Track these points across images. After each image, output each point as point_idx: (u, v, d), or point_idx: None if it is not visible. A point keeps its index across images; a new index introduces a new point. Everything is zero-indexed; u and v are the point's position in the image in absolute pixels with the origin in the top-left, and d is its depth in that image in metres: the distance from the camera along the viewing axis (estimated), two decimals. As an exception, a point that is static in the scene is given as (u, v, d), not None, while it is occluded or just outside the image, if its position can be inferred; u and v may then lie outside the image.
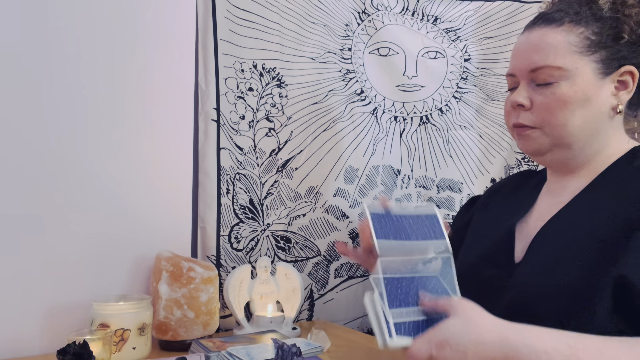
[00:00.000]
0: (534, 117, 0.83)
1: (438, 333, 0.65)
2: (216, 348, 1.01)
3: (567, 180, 0.86)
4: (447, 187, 1.58)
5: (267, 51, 1.39)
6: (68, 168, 1.16)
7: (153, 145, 1.26)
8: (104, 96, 1.21)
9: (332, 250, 1.44)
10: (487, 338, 0.63)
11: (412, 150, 1.56)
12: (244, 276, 1.28)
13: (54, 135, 1.15)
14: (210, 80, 1.32)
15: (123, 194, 1.22)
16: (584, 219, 0.79)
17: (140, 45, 1.25)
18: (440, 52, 1.60)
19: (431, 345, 0.65)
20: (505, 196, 1.00)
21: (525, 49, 0.86)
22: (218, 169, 1.32)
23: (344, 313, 1.44)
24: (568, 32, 0.82)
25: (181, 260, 1.16)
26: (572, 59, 0.81)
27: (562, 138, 0.82)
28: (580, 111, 0.80)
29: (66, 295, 1.14)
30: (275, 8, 1.40)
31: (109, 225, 1.20)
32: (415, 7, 1.59)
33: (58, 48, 1.16)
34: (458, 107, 1.61)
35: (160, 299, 1.13)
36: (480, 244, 0.92)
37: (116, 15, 1.22)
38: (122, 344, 1.03)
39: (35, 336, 1.11)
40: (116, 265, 1.20)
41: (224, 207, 1.32)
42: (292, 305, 1.31)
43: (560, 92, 0.80)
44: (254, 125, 1.37)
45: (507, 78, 0.90)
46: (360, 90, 1.51)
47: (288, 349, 0.89)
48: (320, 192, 1.42)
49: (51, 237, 1.14)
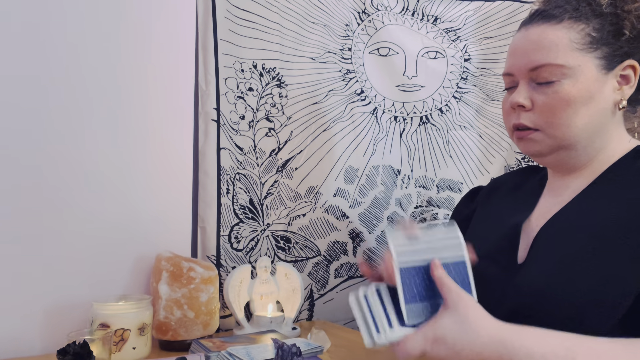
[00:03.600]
0: (536, 117, 0.81)
1: (434, 329, 0.65)
2: (216, 348, 1.01)
3: (569, 180, 0.85)
4: (447, 187, 1.58)
5: (267, 51, 1.39)
6: (68, 168, 1.16)
7: (153, 145, 1.25)
8: (103, 96, 1.21)
9: (332, 250, 1.44)
10: (483, 338, 0.63)
11: (412, 150, 1.56)
12: (244, 276, 1.28)
13: (53, 134, 1.15)
14: (210, 80, 1.32)
15: (123, 194, 1.22)
16: (585, 220, 0.78)
17: (140, 45, 1.25)
18: (440, 52, 1.60)
19: (426, 341, 0.64)
20: (508, 193, 0.98)
21: (524, 47, 0.83)
22: (218, 169, 1.32)
23: (344, 313, 1.44)
24: (568, 28, 0.80)
25: (181, 260, 1.16)
26: (574, 56, 0.79)
27: (565, 139, 0.80)
28: (584, 110, 0.79)
29: (66, 295, 1.14)
30: (275, 8, 1.40)
31: (109, 225, 1.20)
32: (415, 7, 1.59)
33: (58, 48, 1.16)
34: (458, 107, 1.61)
35: (160, 299, 1.13)
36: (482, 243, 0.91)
37: (116, 15, 1.22)
38: (122, 344, 1.03)
39: (35, 336, 1.11)
40: (116, 265, 1.20)
41: (224, 207, 1.32)
42: (292, 305, 1.31)
43: (563, 90, 0.78)
44: (254, 125, 1.37)
45: (505, 77, 0.88)
46: (360, 90, 1.51)
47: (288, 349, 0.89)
48: (320, 192, 1.42)
49: (51, 237, 1.14)
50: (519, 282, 0.80)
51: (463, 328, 0.64)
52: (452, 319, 0.64)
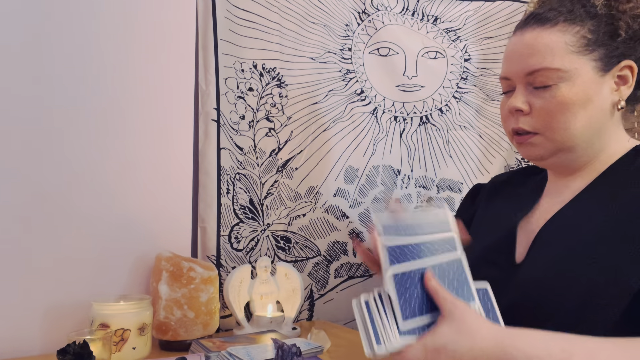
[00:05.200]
0: (534, 121, 0.81)
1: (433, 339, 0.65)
2: (216, 348, 1.01)
3: (569, 180, 0.85)
4: (447, 187, 1.59)
5: (267, 51, 1.39)
6: (68, 168, 1.16)
7: (153, 145, 1.25)
8: (104, 96, 1.21)
9: (332, 250, 1.44)
10: (482, 344, 0.63)
11: (412, 150, 1.56)
12: (244, 276, 1.28)
13: (53, 135, 1.15)
14: (210, 80, 1.32)
15: (123, 194, 1.22)
16: (585, 219, 0.78)
17: (141, 45, 1.25)
18: (440, 52, 1.60)
19: (427, 351, 0.64)
20: (508, 195, 0.98)
21: (519, 51, 0.83)
22: (218, 169, 1.32)
23: (344, 313, 1.44)
24: (563, 31, 0.79)
25: (181, 260, 1.16)
26: (570, 59, 0.78)
27: (564, 142, 0.80)
28: (582, 112, 0.78)
29: (66, 295, 1.14)
30: (275, 8, 1.40)
31: (109, 225, 1.20)
32: (415, 7, 1.59)
33: (58, 48, 1.16)
34: (458, 107, 1.61)
35: (160, 299, 1.13)
36: (480, 243, 0.91)
37: (116, 15, 1.22)
38: (122, 344, 1.03)
39: (35, 336, 1.11)
40: (116, 265, 1.20)
41: (224, 207, 1.32)
42: (292, 305, 1.31)
43: (561, 94, 0.78)
44: (254, 125, 1.37)
45: (502, 81, 0.87)
46: (360, 90, 1.51)
47: (288, 349, 0.89)
48: (320, 192, 1.42)
49: (51, 237, 1.14)
50: (517, 280, 0.80)
51: (461, 336, 0.64)
52: (450, 327, 0.64)
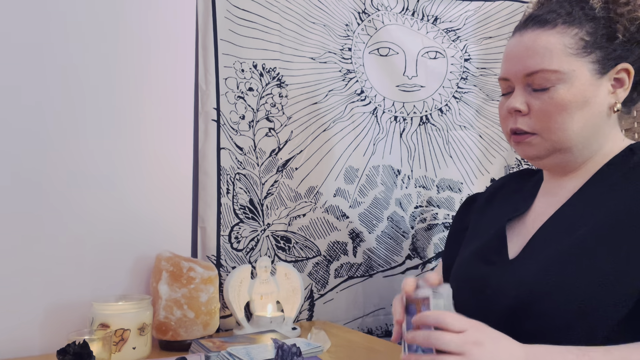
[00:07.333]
0: (532, 122, 0.82)
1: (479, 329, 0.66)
2: (216, 348, 1.01)
3: (564, 181, 0.86)
4: (447, 187, 1.59)
5: (267, 51, 1.39)
6: (68, 168, 1.16)
7: (153, 145, 1.25)
8: (104, 96, 1.21)
9: (332, 250, 1.44)
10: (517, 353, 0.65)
11: (412, 150, 1.56)
12: (244, 276, 1.28)
13: (53, 134, 1.15)
14: (210, 80, 1.32)
15: (123, 194, 1.22)
16: (582, 218, 0.78)
17: (141, 45, 1.25)
18: (440, 52, 1.60)
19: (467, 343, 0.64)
20: (503, 198, 0.98)
21: (518, 52, 0.83)
22: (218, 169, 1.32)
23: (344, 313, 1.44)
24: (562, 33, 0.80)
25: (181, 260, 1.16)
26: (568, 61, 0.79)
27: (562, 142, 0.81)
28: (579, 114, 0.79)
29: (66, 295, 1.14)
30: (275, 8, 1.40)
31: (109, 225, 1.20)
32: (415, 7, 1.59)
33: (58, 48, 1.16)
34: (458, 107, 1.61)
35: (160, 299, 1.13)
36: (473, 244, 0.92)
37: (116, 15, 1.22)
38: (122, 344, 1.03)
39: (35, 336, 1.11)
40: (116, 265, 1.20)
41: (224, 207, 1.32)
42: (292, 305, 1.31)
43: (558, 96, 0.79)
44: (254, 125, 1.37)
45: (501, 82, 0.88)
46: (360, 90, 1.51)
47: (288, 349, 0.89)
48: (320, 192, 1.42)
49: (51, 237, 1.14)
50: (510, 276, 0.80)
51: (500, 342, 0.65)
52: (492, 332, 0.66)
